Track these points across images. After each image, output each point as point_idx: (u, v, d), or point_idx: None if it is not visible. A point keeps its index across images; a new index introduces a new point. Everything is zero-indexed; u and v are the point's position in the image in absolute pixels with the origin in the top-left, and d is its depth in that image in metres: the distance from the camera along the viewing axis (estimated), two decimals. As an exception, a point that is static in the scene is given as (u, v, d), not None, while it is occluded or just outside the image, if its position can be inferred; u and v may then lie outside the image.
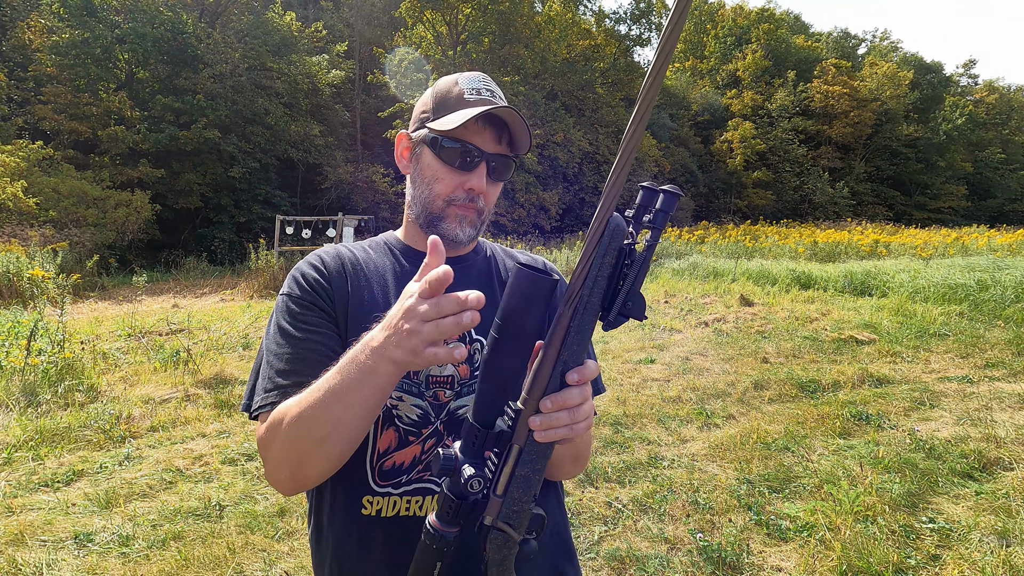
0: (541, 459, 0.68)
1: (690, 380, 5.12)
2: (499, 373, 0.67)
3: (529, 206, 23.70)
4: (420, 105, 0.95)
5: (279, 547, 2.67)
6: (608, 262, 0.65)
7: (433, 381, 0.88)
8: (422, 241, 0.97)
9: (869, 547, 2.51)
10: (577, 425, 0.67)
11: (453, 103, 0.90)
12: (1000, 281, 8.14)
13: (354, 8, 25.98)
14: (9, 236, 11.66)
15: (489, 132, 0.88)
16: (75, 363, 4.89)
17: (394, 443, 0.87)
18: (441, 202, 0.91)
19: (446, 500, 0.69)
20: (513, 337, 0.66)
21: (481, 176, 0.89)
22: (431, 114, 0.92)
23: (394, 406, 0.87)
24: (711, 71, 42.51)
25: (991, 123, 42.04)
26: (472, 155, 0.88)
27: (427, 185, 0.92)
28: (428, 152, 0.91)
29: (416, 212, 0.95)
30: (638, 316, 0.66)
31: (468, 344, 0.92)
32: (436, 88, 0.94)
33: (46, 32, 18.07)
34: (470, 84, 0.91)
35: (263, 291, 11.32)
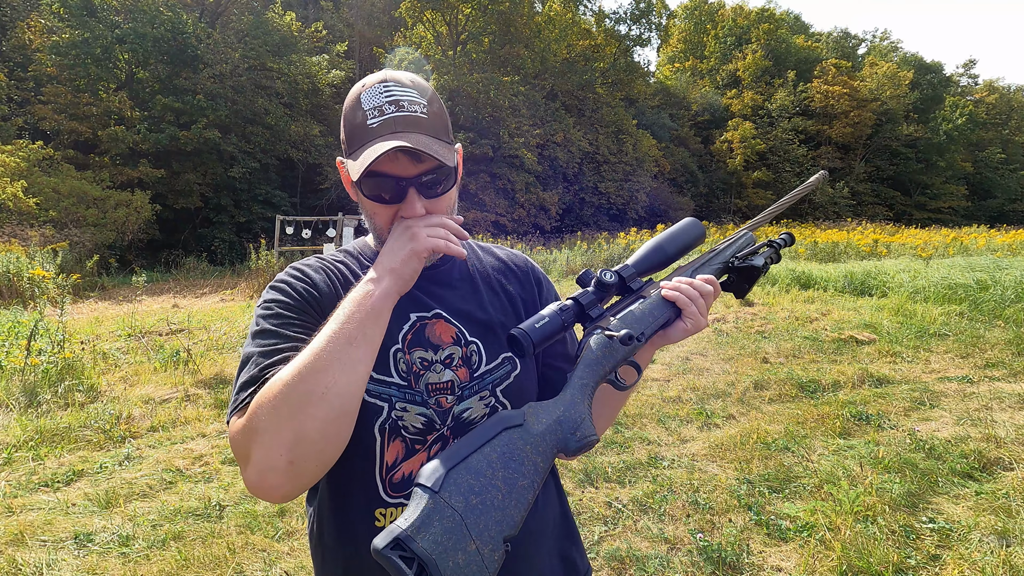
0: (657, 310, 0.89)
1: (690, 380, 5.12)
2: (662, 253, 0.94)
3: (529, 206, 23.70)
4: (341, 129, 0.90)
5: (279, 547, 2.67)
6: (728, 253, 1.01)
7: (433, 388, 0.86)
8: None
9: (869, 547, 2.51)
10: (693, 304, 0.88)
11: (360, 133, 0.84)
12: (1000, 281, 8.13)
13: (354, 8, 25.99)
14: (9, 236, 11.67)
15: (404, 157, 0.82)
16: (75, 363, 4.89)
17: (401, 454, 0.86)
18: (387, 233, 0.87)
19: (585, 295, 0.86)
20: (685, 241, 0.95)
21: (412, 203, 0.83)
22: (345, 146, 0.88)
23: (399, 417, 0.85)
24: (711, 71, 42.52)
25: (991, 123, 42.06)
26: (395, 186, 0.83)
27: (370, 219, 0.90)
28: (358, 190, 0.87)
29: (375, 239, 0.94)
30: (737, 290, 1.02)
31: (464, 347, 0.90)
32: (344, 110, 0.88)
33: (46, 32, 18.08)
34: (371, 103, 0.83)
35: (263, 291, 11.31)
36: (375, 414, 0.83)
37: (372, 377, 0.83)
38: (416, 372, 0.86)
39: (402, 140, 0.79)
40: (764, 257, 0.99)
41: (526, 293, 1.02)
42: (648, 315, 0.88)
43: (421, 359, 0.87)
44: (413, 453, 0.86)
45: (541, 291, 1.04)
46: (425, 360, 0.87)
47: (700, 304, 0.88)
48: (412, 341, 0.88)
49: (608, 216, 27.71)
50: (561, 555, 0.98)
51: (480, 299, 0.96)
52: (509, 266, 1.05)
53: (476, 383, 0.90)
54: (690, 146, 34.57)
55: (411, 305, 0.90)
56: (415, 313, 0.90)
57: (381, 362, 0.83)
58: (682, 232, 0.95)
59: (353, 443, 0.78)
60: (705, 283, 0.90)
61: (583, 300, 0.84)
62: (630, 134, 28.75)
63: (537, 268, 1.09)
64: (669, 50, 45.86)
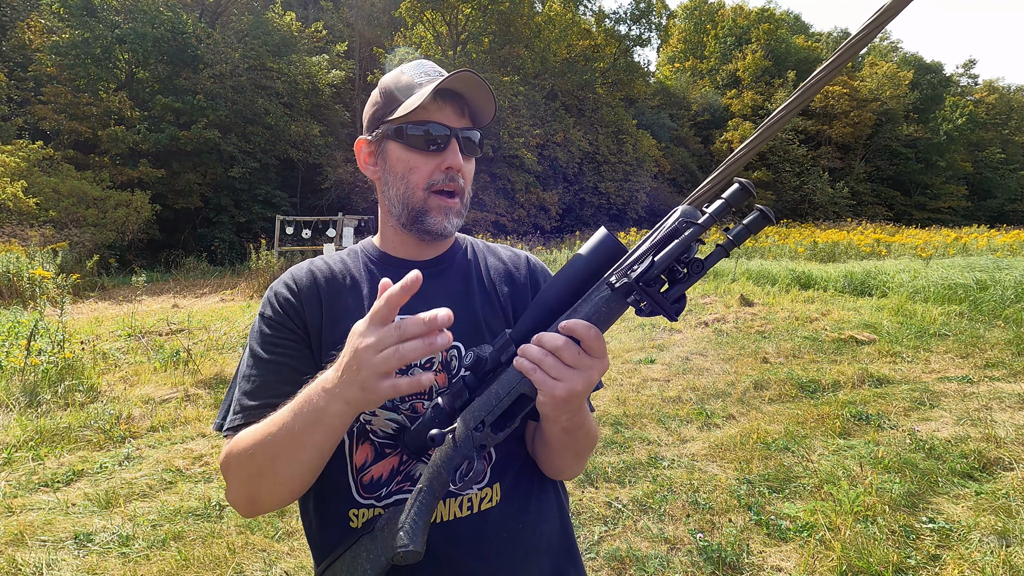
0: (506, 387, 0.74)
1: (690, 380, 5.12)
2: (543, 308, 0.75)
3: (529, 206, 23.70)
4: (369, 107, 0.92)
5: (279, 547, 2.67)
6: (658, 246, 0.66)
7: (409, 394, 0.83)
8: (403, 247, 0.95)
9: (869, 547, 2.51)
10: (539, 370, 0.69)
11: (404, 91, 0.86)
12: (1000, 281, 8.13)
13: (354, 8, 25.99)
14: (9, 236, 11.67)
15: (450, 107, 0.86)
16: (75, 363, 4.89)
17: (371, 457, 0.86)
18: (421, 192, 0.87)
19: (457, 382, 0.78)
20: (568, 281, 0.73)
21: (455, 153, 0.86)
22: (383, 108, 0.88)
23: (368, 421, 0.85)
24: (711, 71, 42.51)
25: (991, 123, 42.05)
26: (442, 134, 0.85)
27: (402, 179, 0.87)
28: (395, 145, 0.87)
29: (396, 213, 0.90)
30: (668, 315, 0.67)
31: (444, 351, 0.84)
32: (382, 85, 0.90)
33: (46, 32, 18.08)
34: (416, 70, 0.89)
35: (263, 291, 11.31)
36: None
37: None
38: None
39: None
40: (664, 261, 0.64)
41: (518, 299, 0.99)
42: (495, 395, 0.74)
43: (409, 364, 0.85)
44: (383, 456, 0.86)
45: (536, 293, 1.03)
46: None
47: (550, 365, 0.68)
48: None
49: (608, 216, 27.72)
50: (556, 572, 0.94)
51: (471, 301, 0.94)
52: (509, 268, 1.03)
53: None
54: (690, 146, 34.57)
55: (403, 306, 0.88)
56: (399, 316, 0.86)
57: None
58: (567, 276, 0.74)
59: None
60: (557, 336, 0.68)
61: (451, 392, 0.77)
62: (630, 134, 28.75)
63: (536, 268, 1.05)
64: (669, 50, 45.86)
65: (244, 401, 0.84)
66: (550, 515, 0.96)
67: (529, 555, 0.91)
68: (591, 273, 0.72)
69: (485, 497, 0.88)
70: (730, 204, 0.66)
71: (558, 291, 0.74)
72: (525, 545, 0.90)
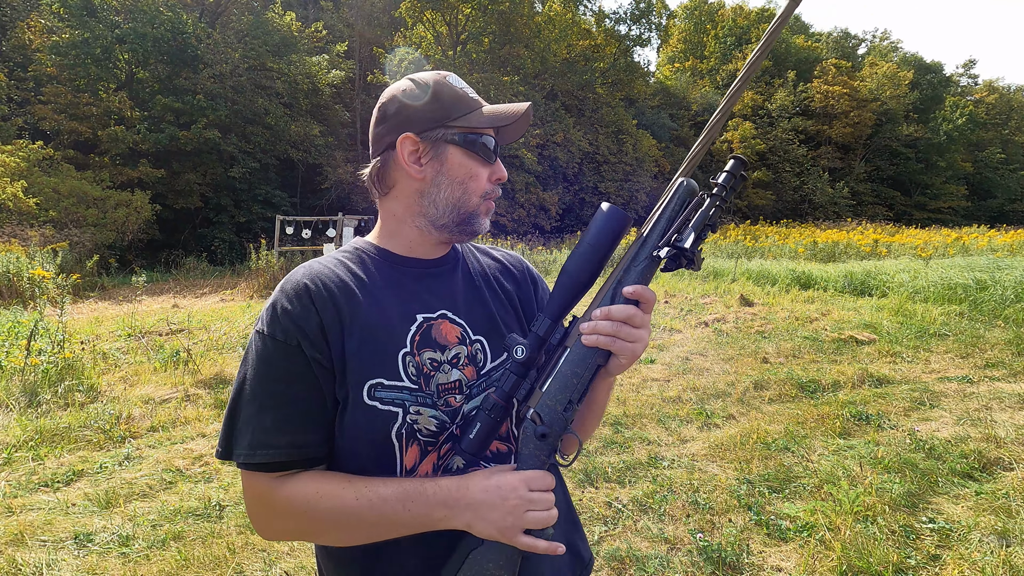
0: (582, 364, 0.82)
1: (690, 380, 5.12)
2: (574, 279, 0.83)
3: (529, 206, 23.70)
4: (412, 103, 0.89)
5: (279, 547, 2.67)
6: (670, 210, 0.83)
7: (443, 389, 0.87)
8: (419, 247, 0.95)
9: (869, 547, 2.51)
10: (618, 339, 0.80)
11: (460, 99, 0.90)
12: (1000, 281, 8.13)
13: (354, 8, 25.99)
14: (9, 236, 11.66)
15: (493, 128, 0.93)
16: (75, 363, 4.89)
17: (417, 457, 0.86)
18: (477, 199, 0.91)
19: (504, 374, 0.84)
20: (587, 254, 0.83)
21: (501, 166, 0.94)
22: (440, 111, 0.88)
23: (414, 421, 0.84)
24: (711, 71, 42.50)
25: (991, 123, 42.04)
26: (496, 148, 0.93)
27: (461, 184, 0.90)
28: (457, 151, 0.89)
29: (436, 215, 0.90)
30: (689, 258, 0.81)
31: (469, 345, 0.91)
32: (435, 88, 0.89)
33: (46, 32, 18.07)
34: (460, 83, 0.93)
35: (263, 291, 11.32)
36: (390, 421, 0.83)
37: (383, 384, 0.83)
38: (427, 373, 0.86)
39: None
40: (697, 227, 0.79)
41: (523, 292, 1.05)
42: (572, 375, 0.81)
43: (431, 360, 0.87)
44: (426, 455, 0.87)
45: (537, 290, 1.08)
46: (435, 361, 0.87)
47: (626, 333, 0.80)
48: (420, 342, 0.87)
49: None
50: (568, 544, 0.99)
51: (482, 296, 0.98)
52: (506, 266, 1.08)
53: (483, 380, 0.91)
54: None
55: (416, 306, 0.90)
56: (421, 314, 0.89)
57: (390, 368, 0.84)
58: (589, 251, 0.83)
59: (372, 451, 0.83)
60: (626, 306, 0.80)
61: (505, 387, 0.83)
62: (630, 134, 28.74)
63: (532, 268, 1.12)
64: (669, 50, 45.86)
65: (268, 438, 0.80)
66: (560, 488, 1.01)
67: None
68: (610, 244, 0.83)
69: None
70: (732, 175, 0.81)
71: (583, 267, 0.83)
72: None
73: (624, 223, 0.82)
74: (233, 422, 0.83)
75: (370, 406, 0.82)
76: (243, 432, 0.81)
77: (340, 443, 0.85)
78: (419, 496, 0.79)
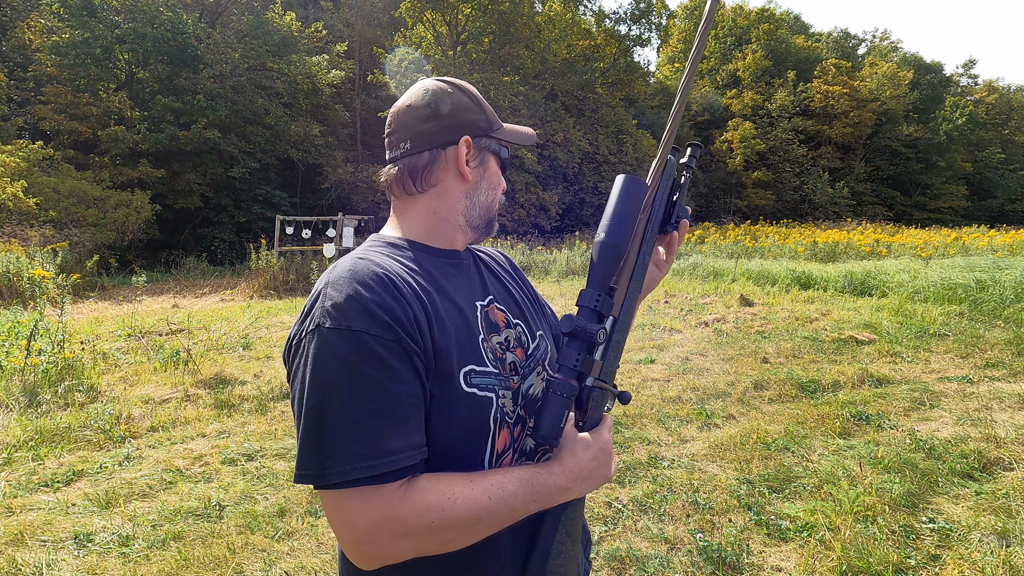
0: (626, 329, 0.91)
1: (690, 380, 5.12)
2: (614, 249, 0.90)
3: (529, 206, 23.69)
4: (464, 111, 0.93)
5: (279, 547, 2.66)
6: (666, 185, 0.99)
7: (510, 370, 0.90)
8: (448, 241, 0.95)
9: (869, 547, 2.51)
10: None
11: (495, 115, 0.99)
12: (1000, 281, 8.13)
13: (354, 8, 25.99)
14: (9, 236, 11.67)
15: None
16: (75, 363, 4.89)
17: (508, 441, 0.88)
18: (499, 205, 1.01)
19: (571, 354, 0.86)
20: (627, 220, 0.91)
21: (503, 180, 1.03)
22: (484, 121, 0.96)
23: (503, 404, 0.86)
24: (711, 71, 42.48)
25: (991, 123, 42.01)
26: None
27: (493, 190, 0.99)
28: (494, 160, 0.99)
29: (472, 215, 0.97)
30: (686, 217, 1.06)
31: (514, 328, 0.95)
32: (479, 99, 0.97)
33: (46, 32, 18.08)
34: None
35: (263, 291, 11.33)
36: (488, 406, 0.84)
37: (475, 371, 0.84)
38: (499, 357, 0.89)
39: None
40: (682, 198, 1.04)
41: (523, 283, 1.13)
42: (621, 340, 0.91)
43: (499, 343, 0.91)
44: (511, 436, 0.89)
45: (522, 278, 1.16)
46: (501, 344, 0.91)
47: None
48: (487, 328, 0.90)
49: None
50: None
51: (505, 284, 1.04)
52: (497, 260, 1.14)
53: (531, 361, 0.95)
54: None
55: (471, 291, 0.94)
56: (478, 300, 0.93)
57: (476, 354, 0.85)
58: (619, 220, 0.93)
59: (471, 438, 0.83)
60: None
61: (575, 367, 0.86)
62: (630, 134, 28.74)
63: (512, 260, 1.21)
64: (669, 50, 45.82)
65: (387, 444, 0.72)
66: None
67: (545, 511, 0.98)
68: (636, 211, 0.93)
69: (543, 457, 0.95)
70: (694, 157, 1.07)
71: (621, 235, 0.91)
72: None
73: (644, 189, 0.94)
74: (322, 439, 0.71)
75: (469, 394, 0.81)
76: (344, 445, 0.70)
77: (438, 436, 0.79)
78: (542, 488, 0.81)
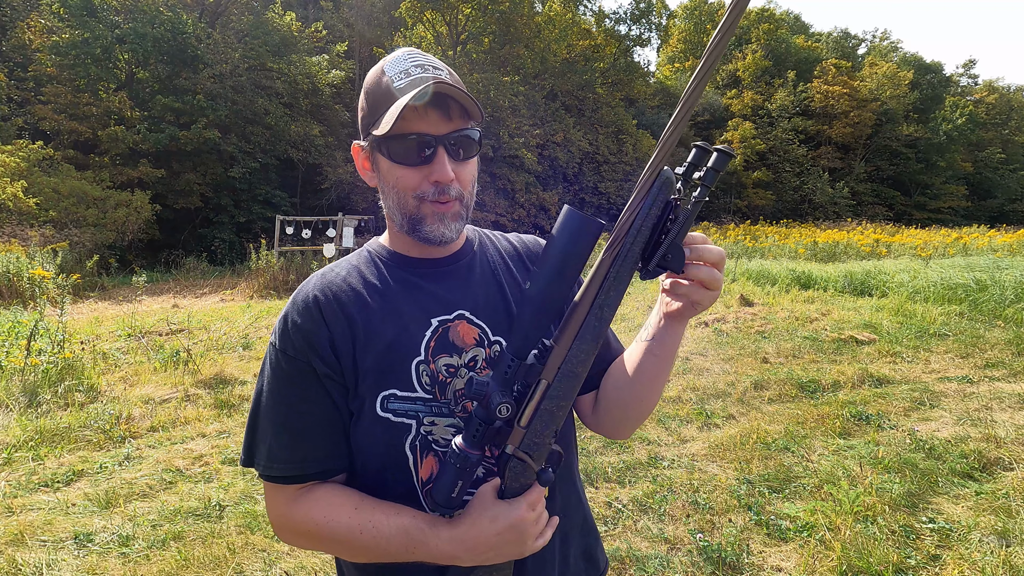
0: (566, 397, 0.73)
1: (690, 380, 5.12)
2: (540, 308, 0.71)
3: (529, 206, 23.70)
4: (359, 112, 0.87)
5: (279, 547, 2.67)
6: (654, 213, 0.70)
7: (461, 394, 0.84)
8: (416, 248, 0.91)
9: (869, 547, 2.51)
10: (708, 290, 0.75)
11: (383, 98, 0.81)
12: (1000, 281, 8.12)
13: (354, 8, 25.98)
14: (9, 236, 11.66)
15: (434, 113, 0.79)
16: (75, 363, 4.89)
17: (435, 468, 0.83)
18: (413, 200, 0.82)
19: (473, 423, 0.73)
20: (557, 274, 0.70)
21: (443, 164, 0.80)
22: (368, 117, 0.84)
23: (428, 432, 0.82)
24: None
25: (991, 123, 42.01)
26: (424, 145, 0.79)
27: (393, 189, 0.83)
28: (382, 158, 0.83)
29: (398, 221, 0.86)
30: (676, 268, 0.72)
31: (488, 347, 0.87)
32: (365, 86, 0.85)
33: (46, 32, 18.06)
34: (395, 68, 0.81)
35: (263, 291, 11.32)
36: (404, 433, 0.81)
37: (396, 395, 0.82)
38: (442, 381, 0.83)
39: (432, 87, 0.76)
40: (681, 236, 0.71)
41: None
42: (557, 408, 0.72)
43: (447, 366, 0.84)
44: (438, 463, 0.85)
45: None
46: (451, 367, 0.84)
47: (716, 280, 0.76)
48: (436, 348, 0.84)
49: (608, 216, 27.70)
50: (585, 553, 0.99)
51: (502, 292, 0.93)
52: (520, 253, 1.02)
53: None
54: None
55: (433, 307, 0.87)
56: (437, 318, 0.86)
57: (404, 378, 0.82)
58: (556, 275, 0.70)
59: (387, 462, 0.82)
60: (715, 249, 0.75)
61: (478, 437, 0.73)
62: (630, 134, 28.74)
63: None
64: (669, 50, 45.82)
65: (284, 453, 0.82)
66: (581, 498, 1.01)
67: (568, 539, 0.94)
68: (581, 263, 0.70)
69: None
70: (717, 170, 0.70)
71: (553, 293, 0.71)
72: (563, 530, 0.93)
73: (596, 235, 0.69)
74: (253, 433, 0.86)
75: (383, 418, 0.81)
76: (261, 444, 0.84)
77: (356, 455, 0.84)
78: (422, 546, 0.77)
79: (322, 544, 0.83)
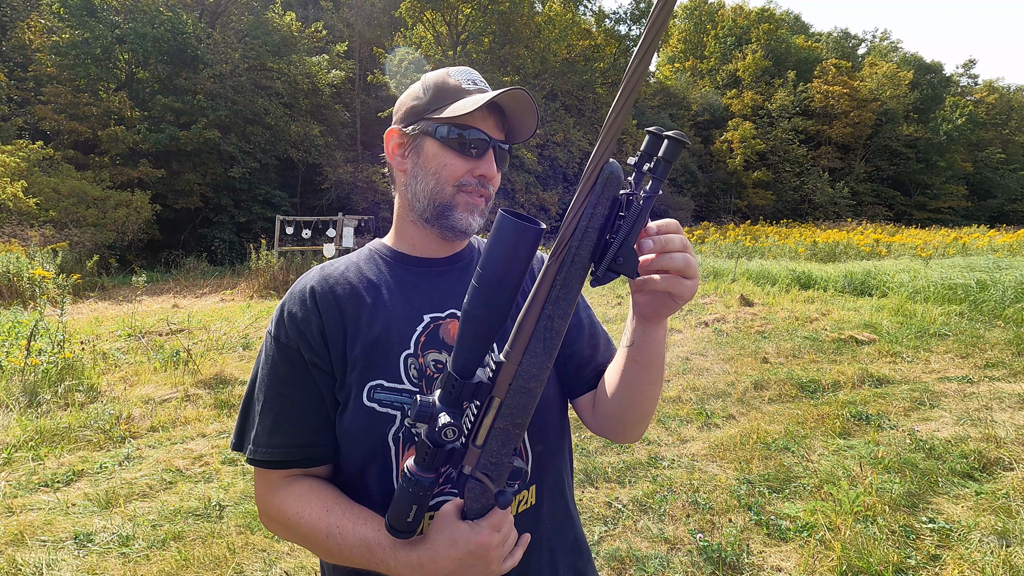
0: (521, 413, 0.67)
1: (690, 380, 5.12)
2: (480, 323, 0.66)
3: (529, 206, 23.70)
4: (409, 99, 0.91)
5: (279, 547, 2.66)
6: (600, 212, 0.62)
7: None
8: (422, 244, 0.93)
9: (869, 547, 2.51)
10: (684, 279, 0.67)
11: (452, 93, 0.87)
12: (1000, 281, 8.13)
13: (354, 8, 25.97)
14: (9, 236, 11.67)
15: (493, 119, 0.87)
16: (75, 363, 4.89)
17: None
18: (451, 188, 0.86)
19: (422, 446, 0.69)
20: (495, 287, 0.64)
21: (491, 162, 0.87)
22: (428, 105, 0.88)
23: (412, 424, 0.83)
24: (711, 71, 42.49)
25: (991, 123, 42.04)
26: (481, 142, 0.86)
27: (433, 175, 0.87)
28: (432, 142, 0.87)
29: (420, 208, 0.89)
30: (630, 273, 0.64)
31: None
32: (426, 81, 0.90)
33: (46, 32, 18.07)
34: (464, 76, 0.90)
35: (263, 291, 11.32)
36: (388, 423, 0.82)
37: (383, 386, 0.83)
38: (429, 376, 0.84)
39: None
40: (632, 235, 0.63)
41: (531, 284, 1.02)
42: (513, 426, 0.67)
43: (435, 362, 0.85)
44: None
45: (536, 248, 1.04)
46: (439, 363, 0.85)
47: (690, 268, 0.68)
48: (426, 343, 0.86)
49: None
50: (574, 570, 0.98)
51: None
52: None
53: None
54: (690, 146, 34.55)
55: (427, 304, 0.89)
56: (429, 314, 0.88)
57: (391, 370, 0.83)
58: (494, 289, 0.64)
59: (369, 453, 0.82)
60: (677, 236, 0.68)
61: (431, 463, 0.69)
62: (630, 134, 28.69)
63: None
64: (669, 50, 45.84)
65: (269, 437, 0.84)
66: (571, 514, 0.99)
67: (556, 556, 0.93)
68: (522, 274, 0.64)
69: (523, 500, 0.88)
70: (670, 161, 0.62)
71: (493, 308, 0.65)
72: (551, 546, 0.92)
73: (535, 241, 0.64)
74: (245, 417, 0.89)
75: (368, 407, 0.82)
76: (250, 428, 0.87)
77: (340, 444, 0.85)
78: (380, 562, 0.76)
79: (295, 538, 0.85)
